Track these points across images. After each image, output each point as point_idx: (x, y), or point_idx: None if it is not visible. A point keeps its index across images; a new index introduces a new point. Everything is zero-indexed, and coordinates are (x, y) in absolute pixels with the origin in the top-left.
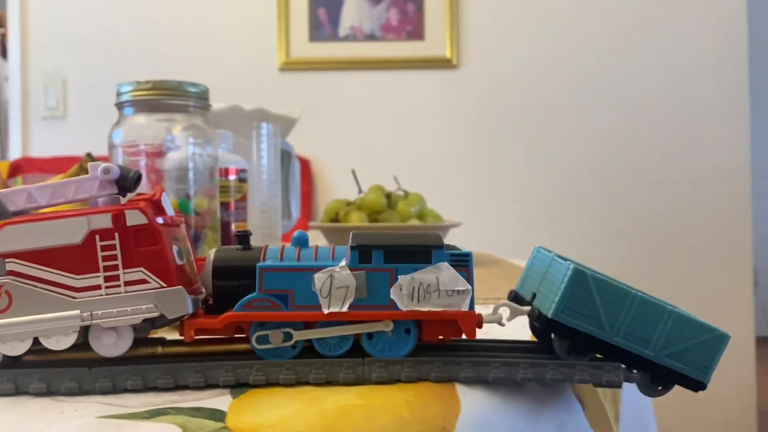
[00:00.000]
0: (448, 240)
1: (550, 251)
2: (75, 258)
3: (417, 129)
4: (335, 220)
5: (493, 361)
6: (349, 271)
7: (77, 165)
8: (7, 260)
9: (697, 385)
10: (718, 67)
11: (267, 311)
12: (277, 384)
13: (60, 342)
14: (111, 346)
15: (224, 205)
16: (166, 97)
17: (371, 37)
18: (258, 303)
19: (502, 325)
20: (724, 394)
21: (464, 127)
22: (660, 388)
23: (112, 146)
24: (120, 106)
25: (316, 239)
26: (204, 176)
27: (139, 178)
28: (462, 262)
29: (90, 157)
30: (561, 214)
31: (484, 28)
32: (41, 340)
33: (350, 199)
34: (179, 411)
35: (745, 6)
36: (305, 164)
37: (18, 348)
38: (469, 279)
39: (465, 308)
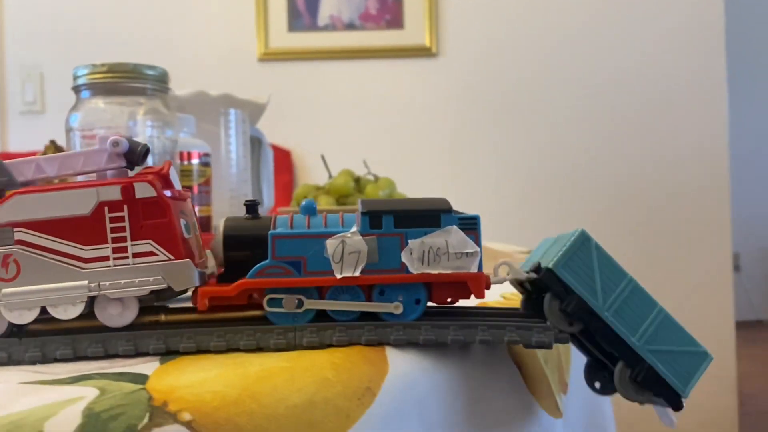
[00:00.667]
0: None
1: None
2: (83, 229)
3: (397, 118)
4: None
5: (424, 324)
6: (360, 237)
7: (40, 153)
8: (15, 230)
9: (675, 398)
10: (696, 50)
11: (281, 278)
12: (208, 351)
13: (67, 311)
14: (116, 316)
15: (186, 189)
16: (122, 80)
17: (350, 27)
18: (271, 270)
19: (501, 283)
20: (704, 378)
21: (444, 115)
22: (635, 391)
23: (69, 130)
24: (77, 89)
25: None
26: (163, 159)
27: (147, 151)
28: (470, 225)
29: (54, 144)
30: (539, 200)
31: (464, 17)
32: (49, 309)
33: (320, 185)
34: (103, 376)
35: None
36: (286, 155)
37: (25, 316)
38: (477, 241)
39: (474, 270)
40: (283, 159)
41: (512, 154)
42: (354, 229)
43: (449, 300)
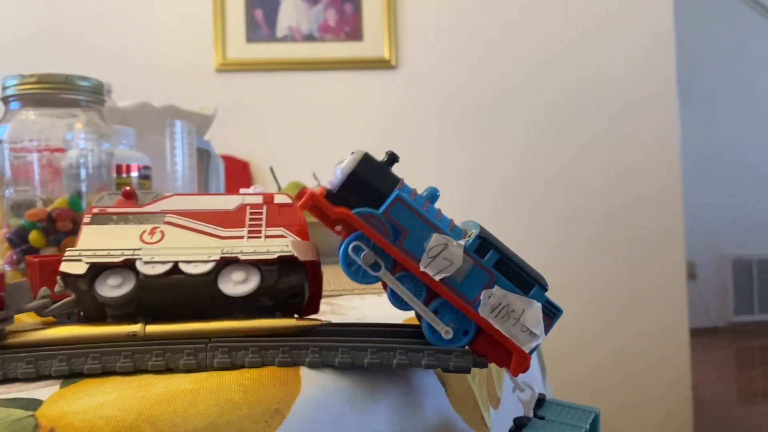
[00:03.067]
0: None
1: None
2: (225, 217)
3: (356, 130)
4: None
5: (341, 346)
6: (462, 251)
7: None
8: (166, 215)
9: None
10: (648, 65)
11: (378, 233)
12: (114, 372)
13: (197, 267)
14: (239, 284)
15: None
16: (54, 91)
17: (309, 38)
18: (375, 221)
19: None
20: (660, 385)
21: (402, 128)
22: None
23: None
24: (5, 100)
25: None
26: (99, 172)
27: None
28: (552, 312)
29: None
30: (499, 211)
31: (422, 29)
32: (181, 265)
33: None
34: None
35: (672, 2)
36: (244, 166)
37: (157, 269)
38: (547, 329)
39: (526, 350)
40: (241, 170)
41: (469, 167)
42: (462, 242)
43: (482, 354)
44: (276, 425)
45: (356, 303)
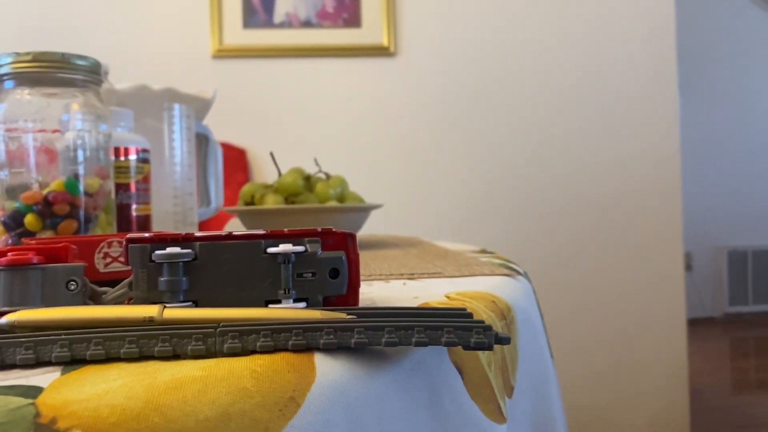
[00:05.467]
0: (377, 223)
1: None
2: None
3: (354, 117)
4: (251, 203)
5: (356, 326)
6: None
7: None
8: None
9: None
10: (649, 54)
11: None
12: (118, 359)
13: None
14: (286, 246)
15: (123, 187)
16: (49, 70)
17: (307, 24)
18: None
19: None
20: (656, 375)
21: (400, 115)
22: None
23: None
24: None
25: (237, 226)
26: (96, 155)
27: None
28: None
29: None
30: (496, 200)
31: (422, 16)
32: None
33: (268, 183)
34: None
35: None
36: (241, 154)
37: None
38: None
39: None
40: (238, 158)
41: (468, 155)
42: None
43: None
44: (291, 414)
45: (364, 289)
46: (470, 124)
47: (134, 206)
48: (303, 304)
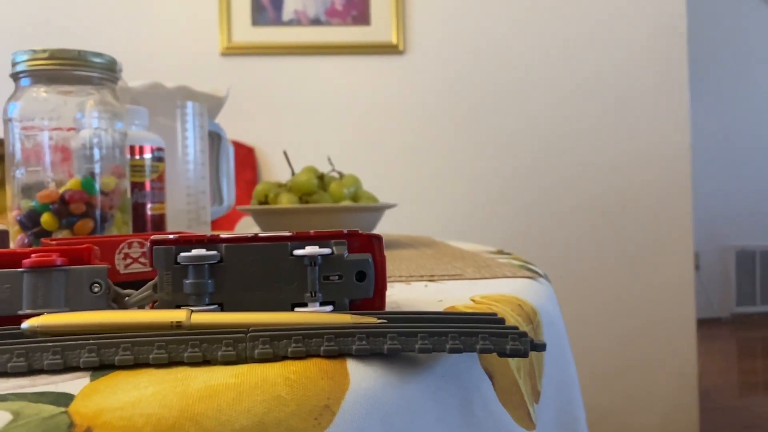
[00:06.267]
0: (387, 222)
1: None
2: None
3: (363, 115)
4: (264, 202)
5: (389, 331)
6: None
7: None
8: None
9: None
10: (659, 53)
11: None
12: (147, 364)
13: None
14: (312, 248)
15: (138, 185)
16: (66, 68)
17: (316, 22)
18: None
19: None
20: (666, 375)
21: (410, 113)
22: None
23: (7, 120)
24: (15, 76)
25: (248, 225)
26: (112, 153)
27: None
28: None
29: None
30: (506, 198)
31: (431, 14)
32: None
33: (282, 181)
34: (20, 396)
35: None
36: (249, 152)
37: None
38: None
39: None
40: (246, 156)
41: (476, 154)
42: None
43: None
44: (326, 423)
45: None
46: (479, 123)
47: (149, 205)
48: (330, 308)
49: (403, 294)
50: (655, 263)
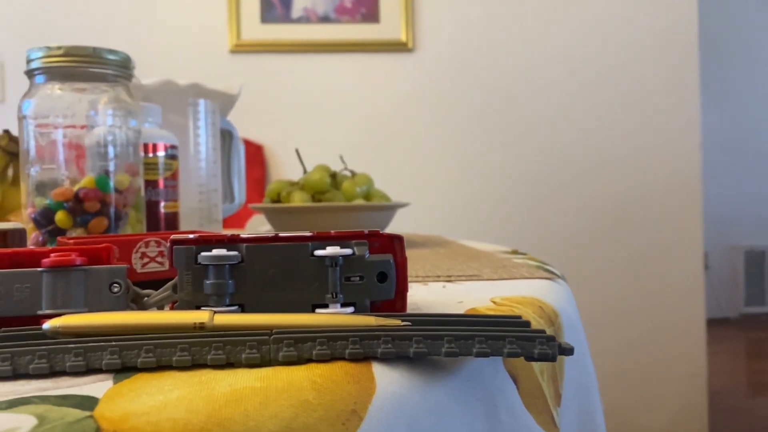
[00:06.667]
0: (396, 220)
1: None
2: None
3: (372, 114)
4: (277, 200)
5: (415, 334)
6: None
7: None
8: None
9: None
10: (669, 52)
11: None
12: (170, 367)
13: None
14: (333, 249)
15: (151, 183)
16: (81, 65)
17: (325, 19)
18: None
19: None
20: (675, 375)
21: (420, 110)
22: None
23: (22, 118)
24: (30, 74)
25: (264, 222)
26: (126, 151)
27: None
28: None
29: (7, 134)
30: (515, 197)
31: (440, 11)
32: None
33: (294, 180)
34: (44, 399)
35: None
36: (258, 150)
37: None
38: None
39: None
40: (255, 154)
41: (485, 152)
42: None
43: None
44: (354, 428)
45: None
46: (488, 121)
47: (162, 203)
48: (351, 309)
49: (422, 295)
50: (664, 264)
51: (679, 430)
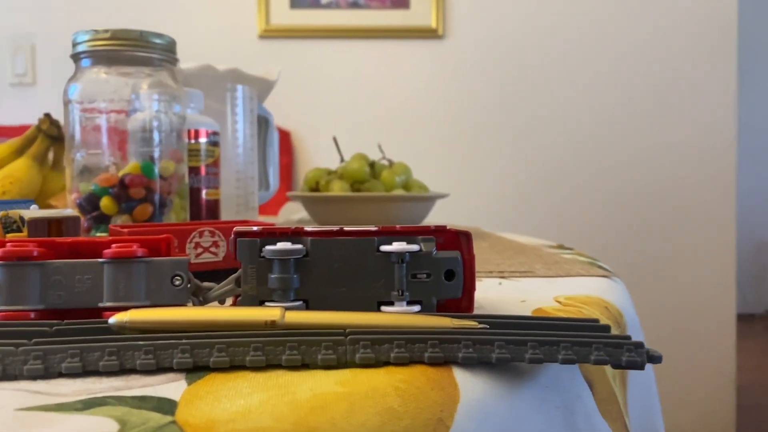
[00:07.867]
0: (435, 211)
1: None
2: None
3: (401, 100)
4: (315, 189)
5: (497, 339)
6: None
7: (34, 127)
8: None
9: None
10: (707, 44)
11: None
12: (243, 367)
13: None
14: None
15: (194, 170)
16: (127, 48)
17: (354, 5)
18: None
19: None
20: (704, 373)
21: (449, 98)
22: None
23: (67, 102)
24: (76, 57)
25: (296, 210)
26: (170, 137)
27: None
28: None
29: (48, 117)
30: (548, 187)
31: None
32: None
33: (332, 169)
34: (120, 401)
35: None
36: (285, 136)
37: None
38: None
39: None
40: (283, 140)
41: (520, 139)
42: None
43: None
44: None
45: None
46: (520, 109)
47: (204, 191)
48: (417, 307)
49: (480, 292)
50: (695, 259)
51: (706, 427)
